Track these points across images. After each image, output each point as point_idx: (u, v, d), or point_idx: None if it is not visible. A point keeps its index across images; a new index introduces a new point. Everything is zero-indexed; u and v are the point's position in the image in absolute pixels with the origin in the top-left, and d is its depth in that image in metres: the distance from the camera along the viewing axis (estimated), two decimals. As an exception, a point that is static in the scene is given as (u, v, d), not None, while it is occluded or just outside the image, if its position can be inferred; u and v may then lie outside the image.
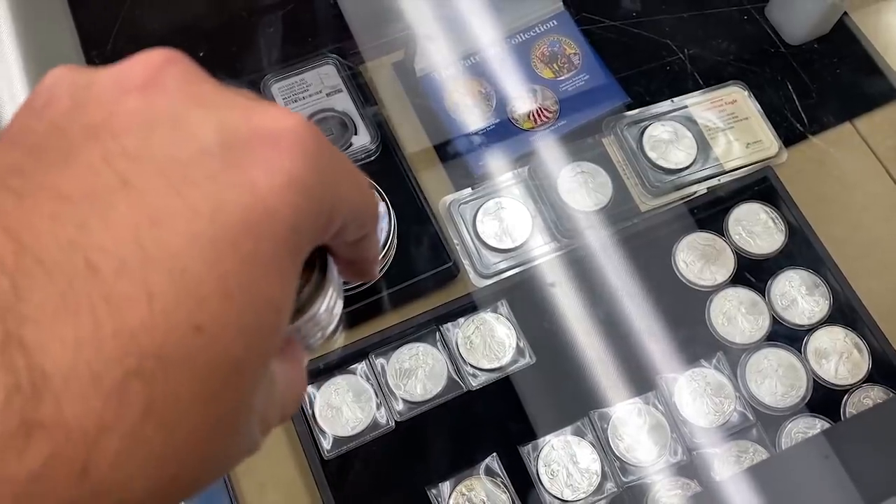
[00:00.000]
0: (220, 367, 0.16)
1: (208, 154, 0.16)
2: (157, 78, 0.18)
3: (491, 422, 0.58)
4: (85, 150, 0.16)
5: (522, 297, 0.61)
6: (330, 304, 0.22)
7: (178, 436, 0.15)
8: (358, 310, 0.60)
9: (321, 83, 0.67)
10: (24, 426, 0.14)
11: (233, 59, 0.68)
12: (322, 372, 0.57)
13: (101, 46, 0.67)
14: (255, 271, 0.16)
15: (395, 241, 0.61)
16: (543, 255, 0.62)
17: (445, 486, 0.55)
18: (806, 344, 0.60)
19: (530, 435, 0.57)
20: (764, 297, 0.62)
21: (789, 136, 0.68)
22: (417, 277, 0.61)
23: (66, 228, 0.15)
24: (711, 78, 0.70)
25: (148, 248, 0.15)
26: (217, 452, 0.17)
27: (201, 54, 0.68)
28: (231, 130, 0.17)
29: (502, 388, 0.58)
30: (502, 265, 0.62)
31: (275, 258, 0.17)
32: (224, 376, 0.16)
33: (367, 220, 0.21)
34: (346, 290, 0.60)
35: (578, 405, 0.57)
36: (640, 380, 0.58)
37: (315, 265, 0.21)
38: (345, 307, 0.64)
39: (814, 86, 0.71)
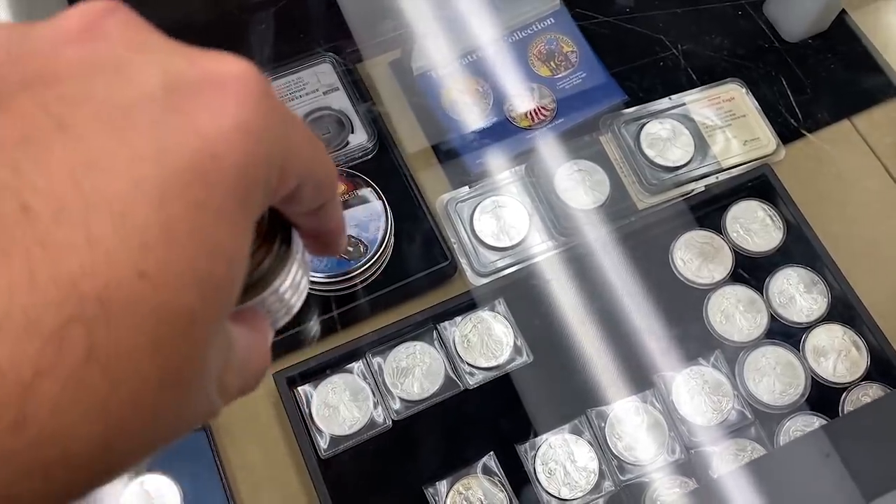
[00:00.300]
0: (168, 316, 0.15)
1: (152, 98, 0.16)
2: (97, 26, 0.17)
3: (488, 420, 0.57)
4: (19, 98, 0.15)
5: (520, 296, 0.61)
6: (295, 280, 0.21)
7: (124, 385, 0.15)
8: (354, 308, 0.59)
9: (318, 81, 0.67)
10: None
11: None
12: (319, 371, 0.57)
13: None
14: (203, 217, 0.16)
15: (392, 239, 0.61)
16: (541, 253, 0.62)
17: (442, 485, 0.55)
18: (804, 342, 0.60)
19: (528, 433, 0.56)
20: (762, 294, 0.62)
21: (787, 134, 0.68)
22: (414, 276, 0.61)
23: None
24: (705, 74, 0.70)
25: (87, 191, 0.15)
26: (167, 407, 0.16)
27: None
28: (176, 75, 0.16)
29: (500, 387, 0.58)
30: (500, 263, 0.62)
31: (224, 205, 0.16)
32: (172, 325, 0.15)
33: (325, 183, 0.20)
34: (343, 289, 0.59)
35: (576, 403, 0.57)
36: (638, 378, 0.58)
37: (278, 238, 0.21)
38: (340, 306, 0.64)
39: (810, 83, 0.71)
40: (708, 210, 0.65)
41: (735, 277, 0.62)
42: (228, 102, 0.16)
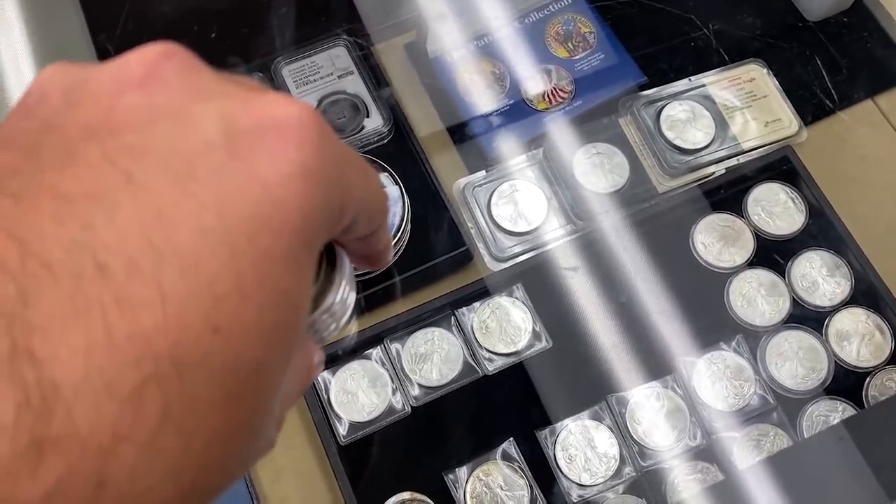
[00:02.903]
0: (240, 369, 0.15)
1: (212, 146, 0.16)
2: (155, 73, 0.17)
3: (507, 406, 0.57)
4: (84, 149, 0.15)
5: (538, 281, 0.60)
6: (343, 295, 0.21)
7: (197, 442, 0.15)
8: (372, 295, 0.59)
9: (332, 65, 0.66)
10: (36, 444, 0.13)
11: (243, 41, 0.68)
12: (337, 358, 0.57)
13: (111, 30, 0.67)
14: (271, 267, 0.15)
15: (409, 225, 0.60)
16: (559, 238, 0.61)
17: (462, 471, 0.54)
18: (827, 326, 0.59)
19: (547, 419, 0.56)
20: (784, 278, 0.61)
21: (810, 114, 0.67)
22: (432, 262, 0.60)
23: (71, 229, 0.14)
24: (736, 54, 0.69)
25: (158, 245, 0.14)
26: (236, 454, 0.16)
27: (212, 36, 0.67)
28: (234, 121, 0.16)
29: (518, 373, 0.58)
30: (517, 249, 0.61)
31: (290, 252, 0.16)
32: (244, 378, 0.15)
33: (377, 213, 0.20)
34: (360, 276, 0.59)
35: (596, 389, 0.57)
36: (659, 363, 0.58)
37: (324, 259, 0.21)
38: (359, 292, 0.64)
39: (840, 62, 0.69)
40: (729, 193, 0.64)
41: (757, 261, 0.61)
42: (288, 148, 0.16)
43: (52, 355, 0.13)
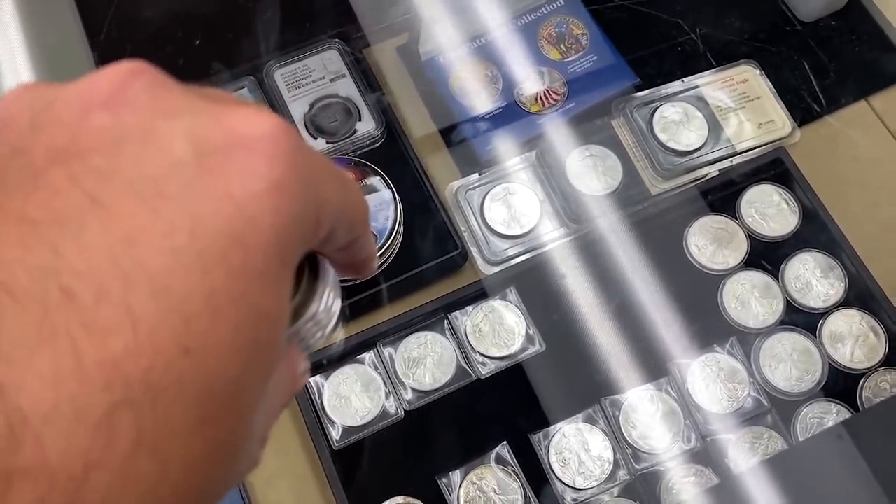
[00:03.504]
0: (215, 390, 0.15)
1: (181, 165, 0.15)
2: (123, 92, 0.17)
3: (501, 410, 0.57)
4: (49, 172, 0.15)
5: (531, 284, 0.60)
6: (328, 304, 0.21)
7: (174, 466, 0.14)
8: (363, 299, 0.59)
9: (324, 69, 0.66)
10: (4, 475, 0.13)
11: (231, 45, 0.67)
12: (330, 362, 0.57)
13: (96, 35, 0.66)
14: (244, 285, 0.15)
15: (402, 228, 0.60)
16: (553, 240, 0.61)
17: (456, 475, 0.54)
18: (821, 327, 0.59)
19: (541, 423, 0.56)
20: (778, 280, 0.61)
21: (803, 116, 0.67)
22: (424, 265, 0.60)
23: (36, 254, 0.14)
24: (724, 57, 0.69)
25: (126, 269, 0.14)
26: (216, 478, 0.16)
27: (198, 41, 0.67)
28: (203, 138, 0.16)
29: (512, 376, 0.57)
30: (511, 252, 0.61)
31: (265, 268, 0.16)
32: (220, 399, 0.15)
33: (357, 222, 0.20)
34: (350, 281, 0.59)
35: (589, 392, 0.57)
36: (652, 366, 0.58)
37: (306, 270, 0.21)
38: (350, 297, 0.63)
39: (829, 64, 0.69)
40: (722, 194, 0.64)
41: (750, 263, 0.61)
42: (259, 163, 0.16)
43: (19, 384, 0.13)
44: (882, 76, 0.69)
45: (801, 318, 0.60)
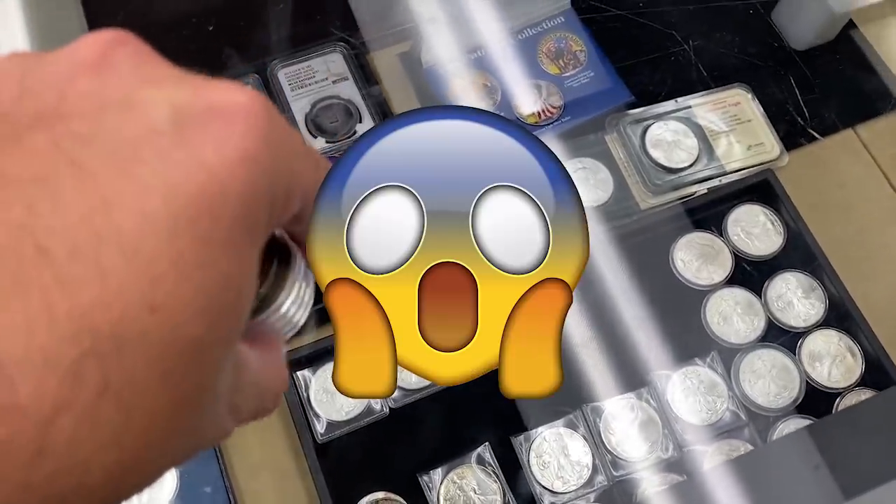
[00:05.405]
0: (178, 347, 0.15)
1: (159, 132, 0.16)
2: (107, 58, 0.17)
3: (484, 411, 0.58)
4: (32, 135, 0.16)
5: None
6: (299, 295, 0.21)
7: (137, 416, 0.15)
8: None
9: (327, 70, 0.67)
10: None
11: (239, 42, 0.69)
12: (318, 356, 0.57)
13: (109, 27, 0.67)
14: (210, 249, 0.16)
15: (396, 229, 0.61)
16: (542, 248, 0.62)
17: (437, 474, 0.55)
18: (800, 346, 0.60)
19: (523, 426, 0.57)
20: (760, 298, 0.62)
21: (791, 139, 0.69)
22: (416, 266, 0.61)
23: (15, 211, 0.15)
24: (715, 71, 0.71)
25: (100, 229, 0.15)
26: (179, 434, 0.16)
27: (210, 28, 0.68)
28: (182, 108, 0.17)
29: (497, 378, 0.58)
30: (501, 257, 0.62)
31: (230, 236, 0.16)
32: (182, 356, 0.16)
33: None
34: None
35: (571, 398, 0.58)
36: (634, 376, 0.59)
37: (274, 259, 0.21)
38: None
39: (817, 89, 0.71)
40: (710, 212, 0.65)
41: (734, 280, 0.63)
42: (233, 133, 0.17)
43: None
44: (869, 107, 0.71)
45: (782, 336, 0.61)
